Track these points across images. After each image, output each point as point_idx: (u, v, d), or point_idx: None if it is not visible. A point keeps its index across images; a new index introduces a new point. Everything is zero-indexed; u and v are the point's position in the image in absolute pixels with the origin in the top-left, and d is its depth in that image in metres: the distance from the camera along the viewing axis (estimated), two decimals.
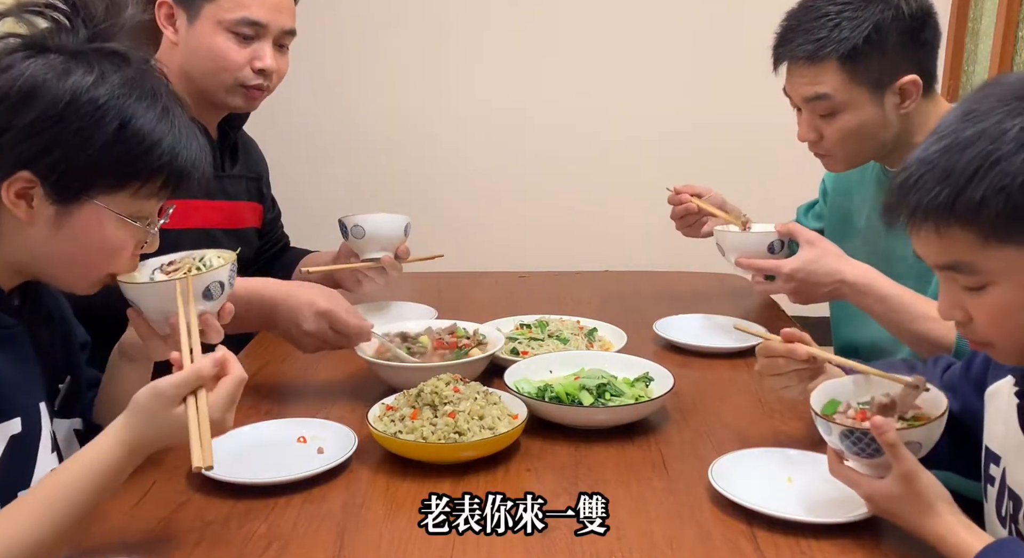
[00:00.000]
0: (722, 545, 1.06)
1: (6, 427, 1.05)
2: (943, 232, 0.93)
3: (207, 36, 1.65)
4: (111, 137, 1.02)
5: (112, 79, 1.04)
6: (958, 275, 0.96)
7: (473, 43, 3.23)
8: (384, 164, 3.28)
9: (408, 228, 1.76)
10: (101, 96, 1.02)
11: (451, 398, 1.28)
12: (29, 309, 1.14)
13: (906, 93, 1.53)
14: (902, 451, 1.00)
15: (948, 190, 0.90)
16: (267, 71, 1.69)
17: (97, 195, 1.05)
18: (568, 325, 1.74)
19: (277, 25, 1.68)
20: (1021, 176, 0.87)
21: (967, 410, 1.15)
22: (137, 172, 1.05)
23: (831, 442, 1.08)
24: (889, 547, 1.04)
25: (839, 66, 1.51)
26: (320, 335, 1.46)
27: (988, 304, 0.95)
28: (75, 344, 1.24)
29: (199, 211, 1.73)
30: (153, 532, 1.09)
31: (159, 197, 1.10)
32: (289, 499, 1.16)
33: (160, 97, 1.08)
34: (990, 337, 0.98)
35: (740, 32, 3.15)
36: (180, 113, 1.10)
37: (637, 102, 3.24)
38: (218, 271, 1.16)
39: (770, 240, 1.63)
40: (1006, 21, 2.66)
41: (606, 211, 3.23)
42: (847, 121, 1.54)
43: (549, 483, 1.20)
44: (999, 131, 0.89)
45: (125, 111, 1.03)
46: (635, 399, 1.38)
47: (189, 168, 1.09)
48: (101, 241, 1.07)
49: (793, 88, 1.59)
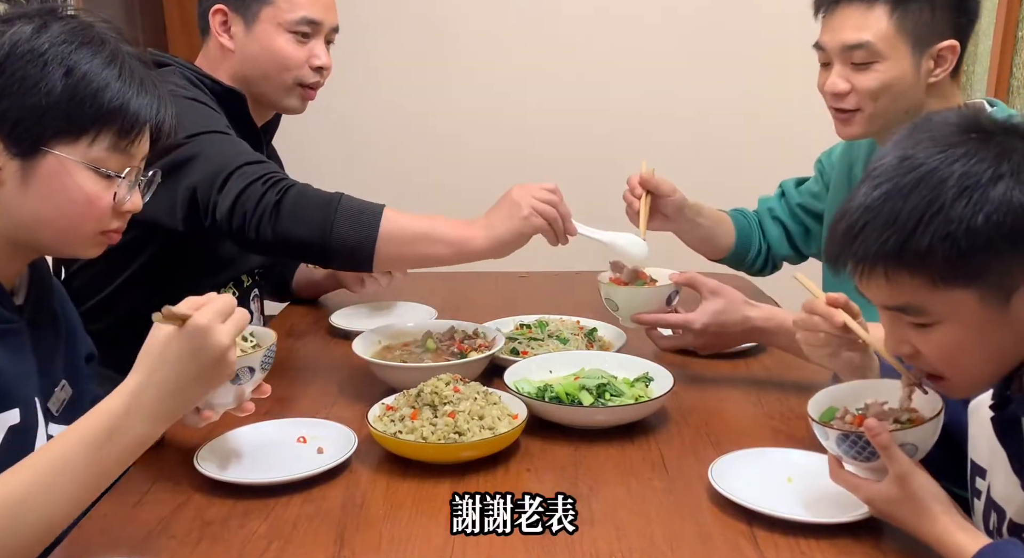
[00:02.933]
0: (722, 545, 1.06)
1: (5, 417, 1.05)
2: (892, 278, 0.95)
3: (268, 38, 1.69)
4: (57, 84, 1.03)
5: (53, 28, 1.05)
6: (905, 315, 0.98)
7: (475, 42, 3.23)
8: (387, 163, 3.28)
9: None
10: (42, 44, 1.04)
11: (451, 398, 1.28)
12: (32, 309, 1.15)
13: (942, 59, 1.53)
14: (896, 453, 1.00)
15: (895, 238, 0.93)
16: (324, 68, 1.74)
17: (55, 146, 1.05)
18: (568, 325, 1.74)
19: (329, 22, 1.74)
20: (965, 222, 0.90)
21: (953, 421, 1.15)
22: (89, 118, 1.05)
23: (829, 447, 1.08)
24: (889, 547, 1.04)
25: (889, 11, 1.51)
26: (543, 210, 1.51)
27: (936, 341, 0.98)
28: (78, 353, 1.24)
29: None
30: (153, 532, 1.09)
31: (123, 149, 1.09)
32: (289, 499, 1.16)
33: (107, 45, 1.08)
34: (940, 371, 1.01)
35: (740, 32, 3.15)
36: (136, 65, 1.10)
37: (637, 103, 3.24)
38: (250, 357, 1.16)
39: (667, 292, 1.56)
40: (1006, 21, 2.66)
41: (606, 211, 3.23)
42: (882, 73, 1.53)
43: (549, 483, 1.20)
44: (938, 178, 0.91)
45: (68, 58, 1.04)
46: (635, 399, 1.38)
47: (145, 116, 1.09)
48: (71, 193, 1.07)
49: (833, 33, 1.56)
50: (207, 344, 1.00)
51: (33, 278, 1.18)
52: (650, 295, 1.58)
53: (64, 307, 1.24)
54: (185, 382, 1.00)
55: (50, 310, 1.19)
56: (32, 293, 1.16)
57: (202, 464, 1.20)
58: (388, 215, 1.45)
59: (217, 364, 1.02)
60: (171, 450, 1.29)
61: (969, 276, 0.92)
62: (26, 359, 1.11)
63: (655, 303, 1.57)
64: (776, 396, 1.50)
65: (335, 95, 3.28)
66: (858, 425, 1.07)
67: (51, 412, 1.15)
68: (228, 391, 1.16)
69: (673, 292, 1.58)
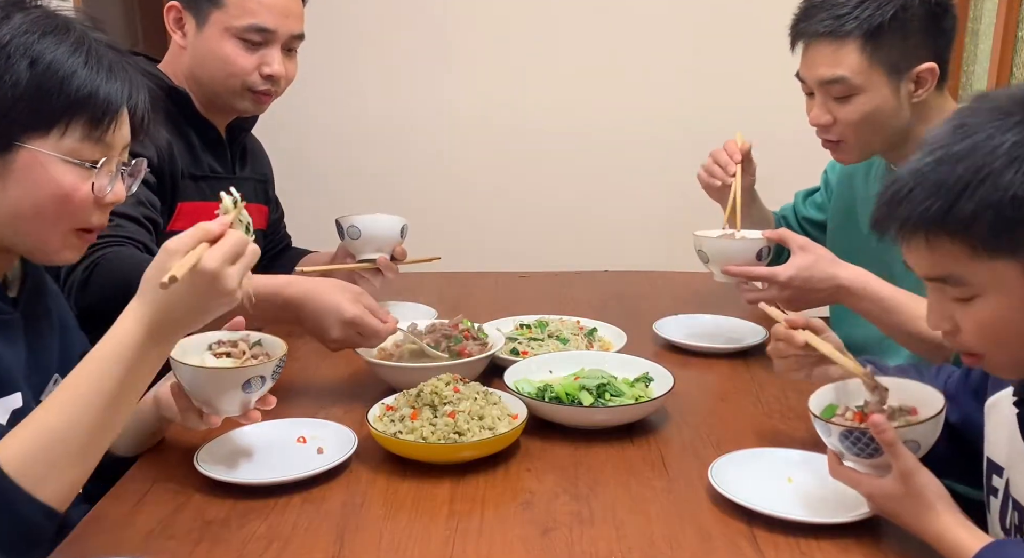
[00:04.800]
0: (722, 545, 1.06)
1: (8, 401, 1.06)
2: (933, 244, 0.94)
3: (215, 42, 1.65)
4: (23, 76, 1.01)
5: (15, 19, 1.03)
6: (947, 286, 0.97)
7: (473, 44, 3.23)
8: (385, 164, 3.28)
9: (405, 230, 1.76)
10: (4, 36, 1.02)
11: (451, 398, 1.28)
12: (26, 303, 1.15)
13: (922, 81, 1.53)
14: (901, 449, 1.00)
15: (940, 203, 0.91)
16: (275, 77, 1.69)
17: (28, 139, 1.03)
18: (568, 325, 1.74)
19: (285, 30, 1.68)
20: (1011, 191, 0.88)
21: (967, 420, 1.15)
22: (58, 108, 1.04)
23: (831, 444, 1.08)
24: (889, 547, 1.04)
25: (860, 46, 1.50)
26: (346, 341, 1.45)
27: (976, 316, 0.96)
28: (73, 348, 1.24)
29: (210, 213, 1.73)
30: (153, 532, 1.09)
31: (97, 138, 1.07)
32: (289, 499, 1.16)
33: (72, 31, 1.06)
34: (978, 348, 0.99)
35: (740, 32, 3.15)
36: (104, 50, 1.08)
37: (636, 102, 3.24)
38: (261, 367, 1.17)
39: (759, 247, 1.56)
40: (1006, 21, 2.66)
41: (606, 211, 3.22)
42: (862, 104, 1.53)
43: (549, 483, 1.20)
44: (991, 146, 0.90)
45: (32, 47, 1.02)
46: (635, 399, 1.38)
47: (116, 101, 1.07)
48: (48, 187, 1.05)
49: (809, 69, 1.57)
50: (213, 289, 1.00)
51: (27, 273, 1.17)
52: (740, 248, 1.58)
53: (58, 303, 1.24)
54: (186, 313, 1.01)
55: (44, 304, 1.19)
56: (26, 287, 1.16)
57: (202, 464, 1.20)
58: None
59: (221, 301, 1.02)
60: (171, 450, 1.29)
61: (1013, 246, 0.91)
62: (20, 350, 1.11)
63: (744, 257, 1.56)
64: (776, 396, 1.50)
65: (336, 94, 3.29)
66: (859, 422, 1.07)
67: None
68: (235, 399, 1.17)
69: (764, 248, 1.56)
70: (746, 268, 1.55)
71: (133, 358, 0.99)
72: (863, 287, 1.44)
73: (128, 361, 0.98)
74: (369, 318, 1.43)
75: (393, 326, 1.46)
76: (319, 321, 1.42)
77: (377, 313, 1.45)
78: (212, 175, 1.74)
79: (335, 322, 1.42)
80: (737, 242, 1.61)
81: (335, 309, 1.42)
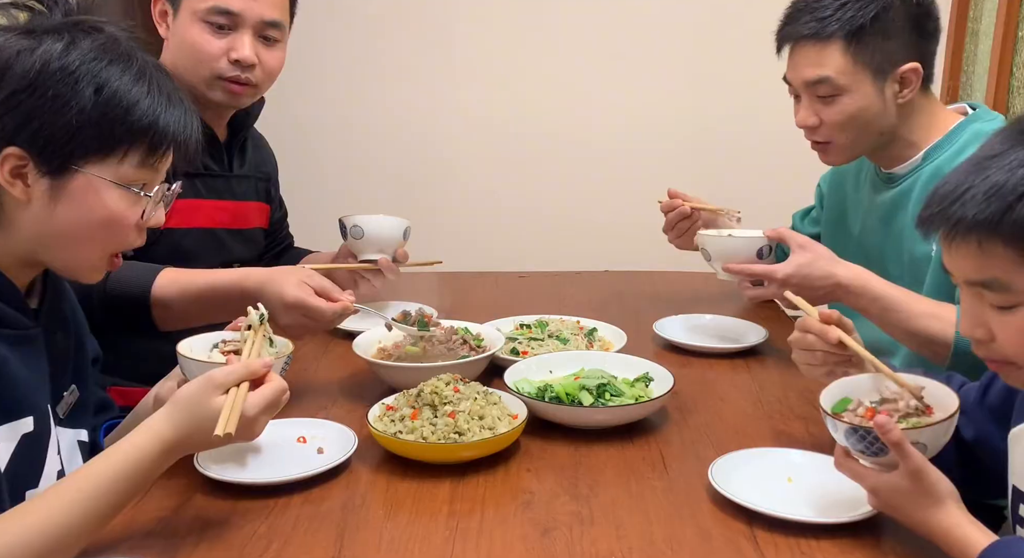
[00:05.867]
0: (722, 545, 1.06)
1: (19, 425, 1.05)
2: (985, 247, 0.92)
3: (184, 28, 1.64)
4: (88, 102, 1.02)
5: (83, 45, 1.04)
6: (988, 293, 0.95)
7: (473, 45, 3.23)
8: (387, 164, 3.28)
9: (408, 232, 1.76)
10: (72, 62, 1.03)
11: (451, 398, 1.28)
12: (47, 313, 1.14)
13: (906, 81, 1.54)
14: (908, 448, 0.99)
15: (996, 206, 0.90)
16: (243, 62, 1.64)
17: (86, 164, 1.04)
18: (568, 325, 1.74)
19: (254, 15, 1.64)
20: None
21: (981, 439, 1.13)
22: (119, 135, 1.05)
23: (838, 439, 1.07)
24: (889, 547, 1.04)
25: (844, 46, 1.52)
26: (297, 326, 1.44)
27: (1017, 324, 0.94)
28: (86, 356, 1.24)
29: (203, 210, 1.73)
30: (153, 532, 1.09)
31: (151, 164, 1.08)
32: (289, 499, 1.16)
33: (135, 61, 1.07)
34: (1015, 357, 0.97)
35: (738, 32, 3.15)
36: (163, 79, 1.10)
37: (636, 103, 3.24)
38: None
39: (759, 245, 1.59)
40: (1006, 21, 2.66)
41: (606, 211, 3.22)
42: (847, 105, 1.55)
43: (549, 483, 1.20)
44: None
45: (99, 75, 1.03)
46: (635, 399, 1.38)
47: (174, 131, 1.09)
48: (99, 211, 1.06)
49: (795, 71, 1.59)
50: (242, 431, 1.05)
51: (47, 281, 1.17)
52: (740, 246, 1.61)
53: (73, 309, 1.24)
54: (207, 443, 1.05)
55: (62, 314, 1.19)
56: (46, 296, 1.15)
57: (202, 464, 1.20)
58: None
59: (242, 440, 1.08)
60: None
61: None
62: (41, 365, 1.11)
63: (744, 254, 1.59)
64: (776, 396, 1.50)
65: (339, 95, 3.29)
66: (870, 418, 1.06)
67: (58, 415, 1.15)
68: None
69: (765, 246, 1.59)
70: (745, 266, 1.56)
71: (143, 472, 1.01)
72: (862, 285, 1.45)
73: (137, 476, 1.01)
74: (313, 300, 1.42)
75: (343, 305, 1.44)
76: (271, 308, 1.40)
77: (329, 294, 1.44)
78: (207, 173, 1.74)
79: (279, 307, 1.42)
80: (738, 240, 1.63)
81: (278, 294, 1.42)
